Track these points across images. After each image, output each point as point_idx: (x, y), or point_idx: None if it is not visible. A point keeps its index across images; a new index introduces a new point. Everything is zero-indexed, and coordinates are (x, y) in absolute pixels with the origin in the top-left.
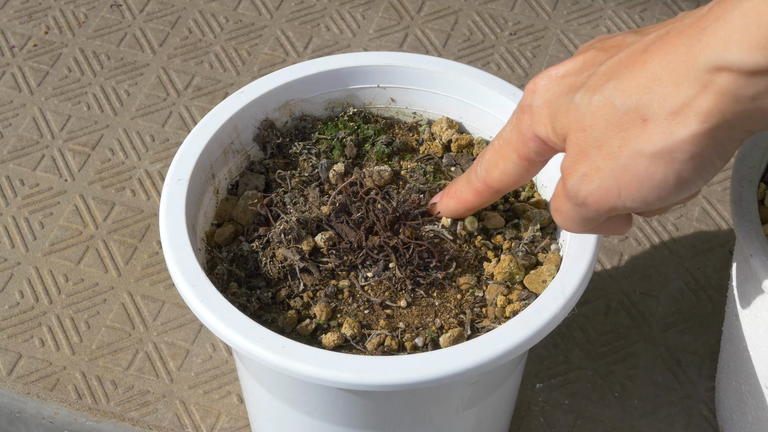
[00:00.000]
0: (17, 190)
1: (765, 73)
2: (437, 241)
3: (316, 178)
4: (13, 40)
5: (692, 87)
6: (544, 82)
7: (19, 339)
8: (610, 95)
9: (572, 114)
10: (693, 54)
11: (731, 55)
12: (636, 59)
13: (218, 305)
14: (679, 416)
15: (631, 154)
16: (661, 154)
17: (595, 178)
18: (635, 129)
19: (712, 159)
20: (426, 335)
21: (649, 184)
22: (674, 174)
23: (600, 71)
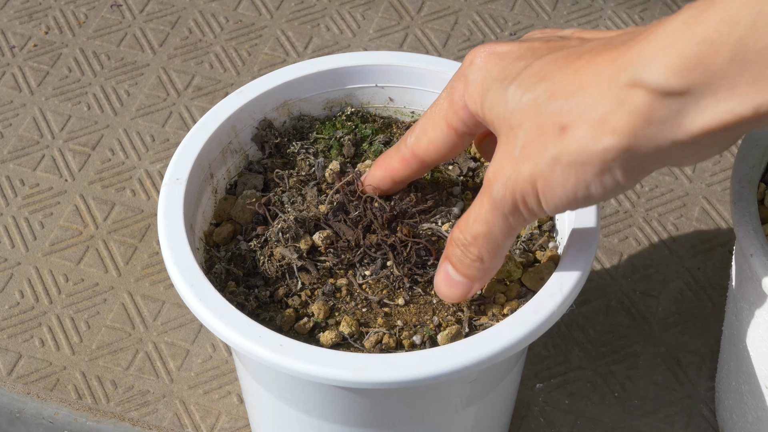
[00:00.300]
0: (17, 190)
1: (677, 95)
2: (435, 239)
3: (314, 178)
4: (13, 40)
5: (611, 102)
6: (482, 58)
7: (19, 339)
8: (539, 96)
9: (502, 107)
10: (617, 70)
11: (648, 75)
12: (570, 63)
13: (216, 304)
14: (679, 416)
15: (548, 160)
16: (574, 164)
17: (518, 182)
18: (554, 135)
19: (618, 179)
20: (424, 333)
21: (561, 193)
22: (584, 184)
23: (535, 66)
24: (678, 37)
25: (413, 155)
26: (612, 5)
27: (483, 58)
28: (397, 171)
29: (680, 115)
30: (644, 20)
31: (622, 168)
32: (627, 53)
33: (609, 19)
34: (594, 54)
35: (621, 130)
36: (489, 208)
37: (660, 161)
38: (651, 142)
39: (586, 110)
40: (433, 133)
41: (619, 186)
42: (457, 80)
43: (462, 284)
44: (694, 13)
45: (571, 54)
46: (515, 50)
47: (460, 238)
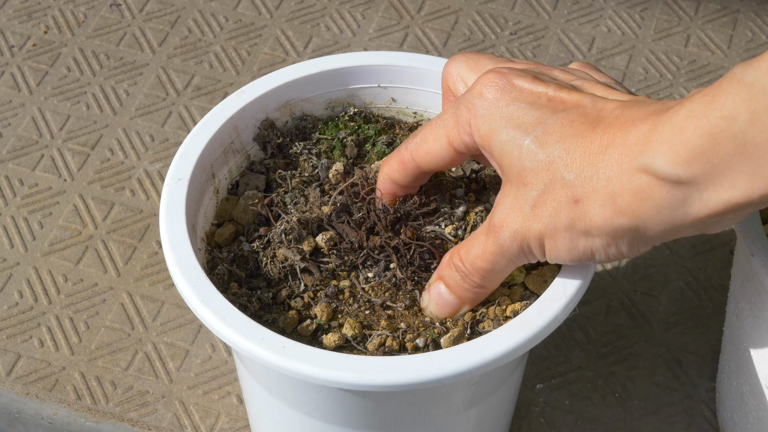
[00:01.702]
0: (16, 190)
1: (685, 184)
2: (438, 242)
3: (317, 178)
4: (13, 40)
5: (622, 184)
6: (494, 93)
7: (18, 339)
8: (554, 161)
9: (516, 159)
10: (629, 154)
11: (657, 164)
12: (584, 133)
13: (218, 305)
14: (680, 417)
15: (558, 226)
16: (584, 234)
17: (526, 235)
18: (567, 204)
19: (622, 251)
20: (427, 336)
21: (567, 254)
22: (590, 252)
23: (550, 125)
24: (683, 128)
25: (411, 159)
26: (612, 5)
27: (495, 94)
28: (395, 172)
29: (686, 202)
30: (644, 20)
31: (628, 243)
32: (639, 139)
33: (609, 19)
34: (606, 128)
35: (631, 213)
36: (494, 251)
37: (666, 238)
38: (658, 225)
39: (599, 189)
40: (433, 143)
41: (623, 256)
42: (465, 107)
43: (453, 305)
44: (696, 107)
45: (585, 119)
46: (529, 92)
47: (460, 267)
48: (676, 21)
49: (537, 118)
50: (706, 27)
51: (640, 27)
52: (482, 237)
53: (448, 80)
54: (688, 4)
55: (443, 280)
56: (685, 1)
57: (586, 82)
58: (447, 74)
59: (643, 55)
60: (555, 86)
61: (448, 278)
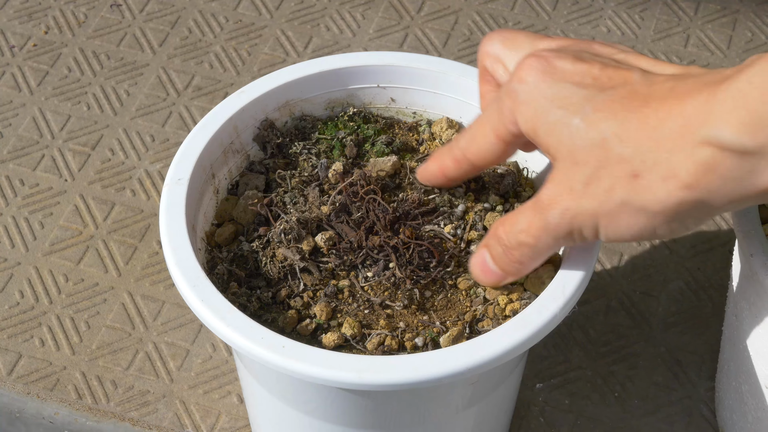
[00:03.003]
0: (17, 190)
1: (751, 154)
2: (437, 241)
3: (316, 178)
4: (13, 40)
5: (685, 157)
6: (534, 75)
7: (19, 339)
8: (607, 137)
9: (566, 138)
10: (690, 125)
11: (722, 135)
12: (638, 108)
13: (218, 305)
14: (680, 416)
15: (617, 202)
16: (644, 210)
17: (578, 214)
18: (625, 180)
19: (687, 225)
20: (426, 335)
21: (626, 231)
22: (651, 228)
23: (599, 101)
24: (747, 95)
25: (464, 158)
26: (612, 5)
27: (536, 77)
28: (450, 169)
29: (753, 173)
30: (644, 20)
31: (693, 217)
32: (698, 109)
33: (609, 19)
34: (661, 102)
35: (695, 186)
36: (541, 228)
37: (730, 209)
38: (725, 197)
39: (660, 162)
40: (482, 141)
41: (686, 230)
42: (507, 95)
43: (496, 274)
44: (759, 73)
45: (636, 95)
46: (572, 72)
47: (503, 239)
48: (675, 21)
49: (584, 96)
50: (705, 27)
51: (639, 27)
52: (528, 212)
53: (484, 60)
54: (687, 5)
55: (488, 249)
56: (684, 2)
57: (629, 55)
58: (483, 54)
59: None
60: (599, 64)
61: (492, 249)
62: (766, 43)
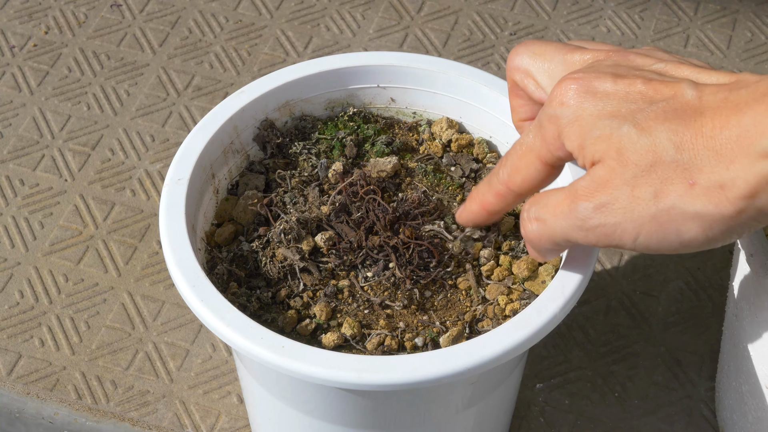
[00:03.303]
0: (17, 190)
1: None
2: (437, 241)
3: (316, 178)
4: (13, 40)
5: (742, 169)
6: (575, 98)
7: (19, 339)
8: (662, 143)
9: (614, 144)
10: (748, 138)
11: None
12: (692, 118)
13: (218, 305)
14: (680, 416)
15: (667, 207)
16: (700, 217)
17: (616, 215)
18: (679, 186)
19: (741, 233)
20: (426, 335)
21: (674, 239)
22: (704, 236)
23: (650, 112)
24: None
25: (509, 190)
26: (612, 5)
27: (576, 99)
28: (492, 204)
29: None
30: (644, 20)
31: (748, 226)
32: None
33: (609, 19)
34: (716, 112)
35: (755, 195)
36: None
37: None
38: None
39: (717, 171)
40: (527, 171)
41: (739, 236)
42: (549, 121)
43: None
44: None
45: (688, 107)
46: (615, 91)
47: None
48: (675, 21)
49: (633, 109)
50: (705, 27)
51: (639, 27)
52: (560, 195)
53: (514, 75)
54: (687, 5)
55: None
56: (684, 2)
57: (670, 64)
58: (513, 68)
59: None
60: (641, 79)
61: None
62: (766, 43)
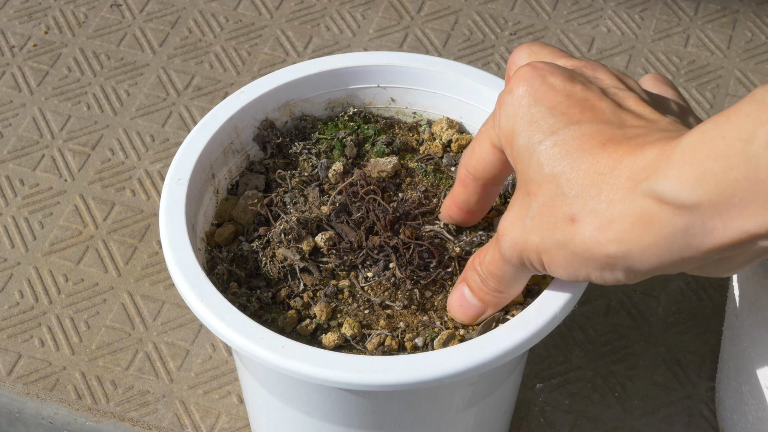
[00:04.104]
0: (17, 190)
1: (688, 210)
2: (437, 241)
3: (317, 178)
4: (13, 40)
5: (621, 209)
6: (521, 90)
7: (19, 339)
8: (557, 176)
9: (525, 168)
10: (635, 178)
11: (662, 187)
12: (593, 149)
13: (218, 305)
14: (680, 416)
15: (554, 242)
16: (577, 255)
17: (524, 249)
18: (563, 222)
19: (618, 278)
20: (426, 335)
21: (563, 272)
22: (585, 273)
23: (561, 136)
24: (695, 150)
25: (467, 174)
26: (612, 5)
27: (522, 91)
28: (457, 194)
29: (688, 232)
30: (644, 20)
31: (624, 271)
32: (647, 162)
33: (609, 19)
34: (617, 147)
35: (627, 241)
36: (499, 259)
37: (664, 272)
38: (656, 257)
39: (597, 210)
40: (479, 151)
41: (620, 282)
42: (498, 105)
43: (476, 307)
44: (711, 128)
45: (596, 135)
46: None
47: (479, 270)
48: (675, 21)
49: (551, 126)
50: (705, 27)
51: (639, 27)
52: (492, 243)
53: (510, 68)
54: (687, 5)
55: (466, 281)
56: (684, 2)
57: (625, 92)
58: (511, 63)
59: (642, 55)
60: (585, 90)
61: (470, 281)
62: (766, 43)
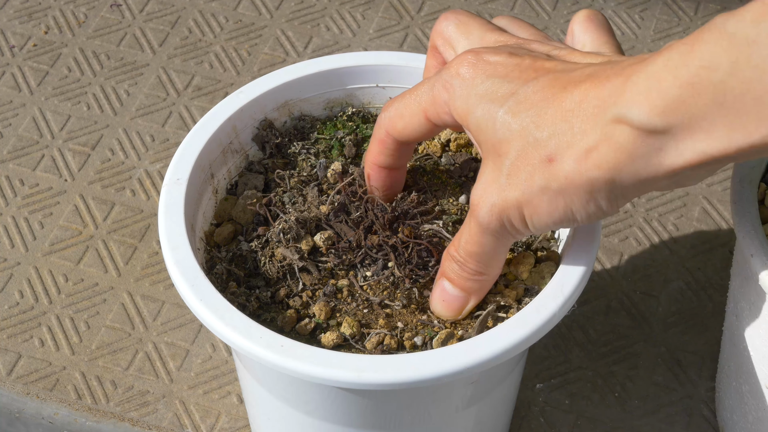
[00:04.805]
0: (17, 190)
1: (660, 134)
2: (436, 240)
3: (315, 178)
4: (13, 40)
5: (596, 136)
6: (468, 69)
7: (19, 339)
8: (526, 125)
9: (491, 132)
10: (603, 107)
11: (632, 113)
12: (556, 94)
13: (217, 305)
14: (680, 416)
15: (534, 189)
16: (560, 192)
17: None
18: (541, 165)
19: (601, 206)
20: (425, 334)
21: (548, 218)
22: (570, 211)
23: (522, 94)
24: (661, 78)
25: (387, 135)
26: (612, 5)
27: (470, 72)
28: (375, 155)
29: (661, 152)
30: (644, 20)
31: (606, 197)
32: (612, 92)
33: (609, 19)
34: (578, 85)
35: (606, 164)
36: (477, 231)
37: (642, 190)
38: (633, 176)
39: (572, 142)
40: (410, 119)
41: (602, 212)
42: (443, 86)
43: (459, 298)
44: (675, 56)
45: (556, 82)
46: (503, 66)
47: (455, 256)
48: (675, 21)
49: (510, 89)
50: None
51: (639, 27)
52: (467, 221)
53: (436, 39)
54: (687, 4)
55: (445, 275)
56: (684, 1)
57: (565, 50)
58: (437, 33)
59: None
60: (530, 57)
61: (449, 271)
62: None
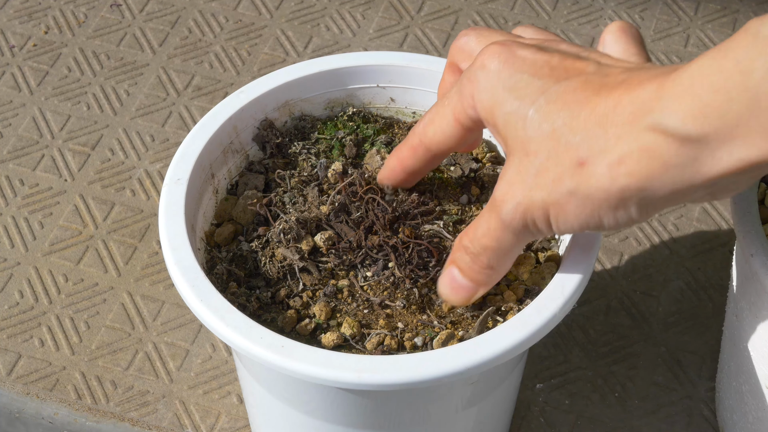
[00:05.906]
0: (17, 190)
1: (695, 142)
2: (437, 241)
3: (316, 178)
4: (13, 40)
5: (630, 144)
6: (497, 63)
7: (19, 339)
8: (558, 127)
9: (520, 129)
10: (638, 113)
11: (668, 121)
12: (589, 98)
13: (217, 305)
14: (680, 416)
15: (563, 192)
16: (589, 198)
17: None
18: (572, 168)
19: (632, 215)
20: (425, 335)
21: (574, 221)
22: (597, 217)
23: (553, 93)
24: (695, 84)
25: (420, 143)
26: (612, 5)
27: (497, 65)
28: (406, 160)
29: (697, 161)
30: (644, 20)
31: (637, 206)
32: (646, 98)
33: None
34: (612, 90)
35: (638, 173)
36: (498, 227)
37: (675, 200)
38: (667, 186)
39: (605, 149)
40: (440, 123)
41: (632, 220)
42: (468, 80)
43: (468, 288)
44: (708, 63)
45: (588, 85)
46: (532, 62)
47: (469, 248)
48: (675, 21)
49: (539, 87)
50: (705, 27)
51: (639, 27)
52: (486, 214)
53: (455, 54)
54: (687, 5)
55: (455, 263)
56: (684, 2)
57: (594, 53)
58: (456, 48)
59: None
60: (559, 55)
61: (459, 261)
62: None
